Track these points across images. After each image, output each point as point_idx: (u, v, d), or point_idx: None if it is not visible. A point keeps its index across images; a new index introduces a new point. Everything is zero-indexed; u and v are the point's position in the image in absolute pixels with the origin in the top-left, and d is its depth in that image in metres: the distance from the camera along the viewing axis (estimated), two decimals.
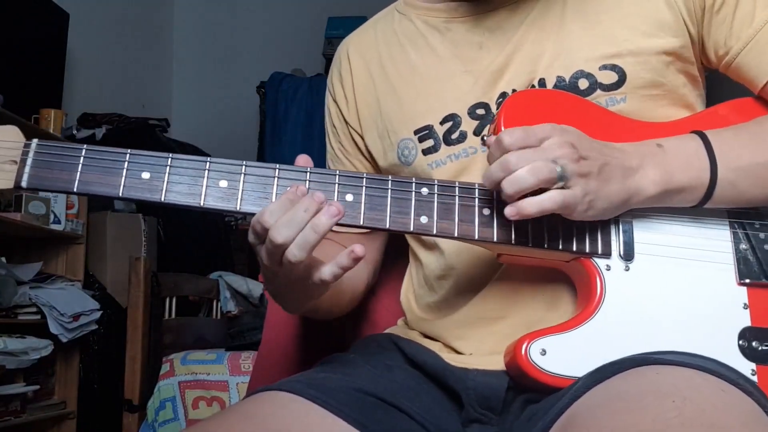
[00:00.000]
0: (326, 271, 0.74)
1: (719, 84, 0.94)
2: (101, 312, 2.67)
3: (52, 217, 2.62)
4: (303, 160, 0.77)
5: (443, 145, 0.91)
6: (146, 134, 3.35)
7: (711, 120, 0.85)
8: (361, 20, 1.08)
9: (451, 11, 0.94)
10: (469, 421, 0.85)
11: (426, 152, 0.92)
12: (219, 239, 3.67)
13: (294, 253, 0.71)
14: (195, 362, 2.17)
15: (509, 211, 0.72)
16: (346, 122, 1.03)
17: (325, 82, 1.09)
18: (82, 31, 3.35)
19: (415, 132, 0.93)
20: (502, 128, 0.79)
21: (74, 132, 3.17)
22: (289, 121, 3.87)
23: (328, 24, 4.00)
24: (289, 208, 0.71)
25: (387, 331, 1.02)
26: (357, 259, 0.72)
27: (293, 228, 0.70)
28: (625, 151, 0.77)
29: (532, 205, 0.72)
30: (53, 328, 2.45)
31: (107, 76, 3.79)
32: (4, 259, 2.42)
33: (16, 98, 2.60)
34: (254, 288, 2.97)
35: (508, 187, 0.71)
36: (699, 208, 0.80)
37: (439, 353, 0.90)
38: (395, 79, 0.97)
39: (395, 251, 1.08)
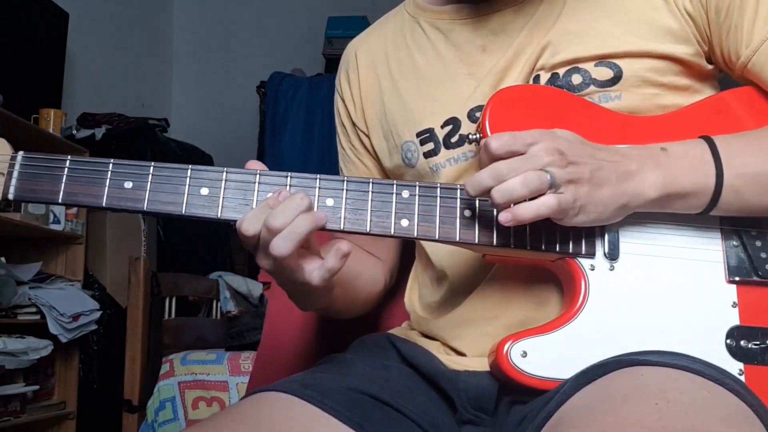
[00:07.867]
0: (315, 275, 0.73)
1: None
2: (101, 312, 2.66)
3: (51, 217, 2.62)
4: (254, 165, 0.77)
5: (443, 149, 0.90)
6: (146, 134, 3.34)
7: (708, 111, 0.83)
8: (360, 20, 1.08)
9: (455, 13, 0.93)
10: (463, 423, 0.84)
11: (427, 155, 0.92)
12: (219, 239, 3.66)
13: (279, 244, 0.69)
14: (195, 362, 2.17)
15: (504, 217, 0.71)
16: (353, 123, 1.03)
17: (325, 82, 1.10)
18: (82, 30, 3.34)
19: (417, 135, 0.93)
20: (487, 130, 0.79)
21: (74, 132, 3.14)
22: (289, 121, 3.86)
23: (328, 24, 3.99)
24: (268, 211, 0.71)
25: (386, 332, 1.01)
26: (345, 257, 0.72)
27: (286, 216, 0.69)
28: (623, 154, 0.75)
29: (529, 211, 0.71)
30: (53, 329, 2.44)
31: (107, 75, 3.78)
32: (3, 259, 2.41)
33: (15, 98, 2.59)
34: (254, 288, 2.97)
35: (498, 196, 0.70)
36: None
37: (436, 354, 0.90)
38: (400, 81, 0.97)
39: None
